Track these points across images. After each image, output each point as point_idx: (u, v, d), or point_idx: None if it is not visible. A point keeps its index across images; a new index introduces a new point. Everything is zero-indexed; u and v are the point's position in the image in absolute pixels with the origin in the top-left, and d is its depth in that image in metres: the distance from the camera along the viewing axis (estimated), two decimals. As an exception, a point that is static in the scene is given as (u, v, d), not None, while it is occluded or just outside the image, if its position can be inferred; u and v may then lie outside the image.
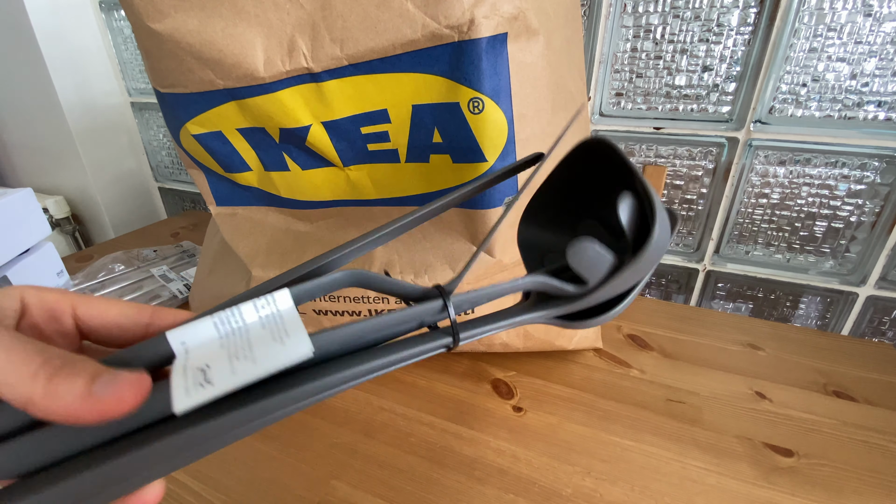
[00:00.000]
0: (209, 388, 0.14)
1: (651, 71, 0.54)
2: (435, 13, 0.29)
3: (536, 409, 0.41)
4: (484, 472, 0.35)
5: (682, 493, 0.33)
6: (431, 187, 0.37)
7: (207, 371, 0.14)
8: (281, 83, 0.33)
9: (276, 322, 0.16)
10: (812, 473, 0.35)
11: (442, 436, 0.38)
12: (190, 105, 0.35)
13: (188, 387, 0.14)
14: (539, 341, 0.44)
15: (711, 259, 0.60)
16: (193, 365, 0.14)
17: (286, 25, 0.31)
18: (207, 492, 0.34)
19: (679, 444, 0.37)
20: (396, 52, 0.31)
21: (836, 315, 0.57)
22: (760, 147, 0.53)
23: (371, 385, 0.44)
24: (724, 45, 0.51)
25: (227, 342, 0.15)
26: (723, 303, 0.62)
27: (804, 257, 0.56)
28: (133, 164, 0.95)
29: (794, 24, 0.47)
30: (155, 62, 0.35)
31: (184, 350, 0.15)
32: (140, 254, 0.67)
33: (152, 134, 0.92)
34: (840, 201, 0.52)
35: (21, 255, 0.53)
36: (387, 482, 0.34)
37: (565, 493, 0.33)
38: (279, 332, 0.15)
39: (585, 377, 0.44)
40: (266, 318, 0.16)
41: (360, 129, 0.34)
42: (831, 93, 0.48)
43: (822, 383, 0.44)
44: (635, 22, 0.53)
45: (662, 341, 0.49)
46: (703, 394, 0.42)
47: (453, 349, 0.18)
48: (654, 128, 0.56)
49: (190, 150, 0.39)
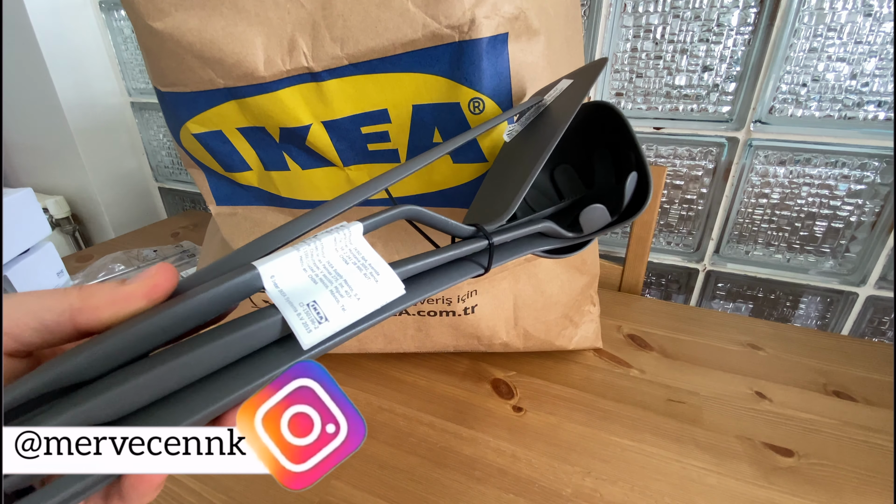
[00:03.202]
0: (326, 324, 0.15)
1: (651, 71, 0.54)
2: (435, 13, 0.29)
3: (536, 409, 0.41)
4: (484, 472, 0.35)
5: (682, 493, 0.33)
6: (431, 187, 0.37)
7: (318, 308, 0.15)
8: (281, 82, 0.33)
9: (357, 259, 0.17)
10: (812, 473, 0.35)
11: (442, 436, 0.38)
12: (190, 104, 0.35)
13: (307, 323, 0.15)
14: (539, 341, 0.44)
15: (711, 259, 0.60)
16: (300, 301, 0.15)
17: (287, 25, 0.31)
18: (207, 492, 0.34)
19: (679, 444, 0.37)
20: (397, 51, 0.31)
21: (836, 315, 0.57)
22: (760, 147, 0.53)
23: (371, 385, 0.44)
24: (724, 45, 0.51)
25: (320, 278, 0.16)
26: (723, 303, 0.62)
27: (804, 257, 0.56)
28: (133, 164, 0.95)
29: (794, 24, 0.47)
30: (155, 61, 0.35)
31: (274, 284, 0.15)
32: (140, 254, 0.67)
33: (152, 134, 0.92)
34: (840, 201, 0.52)
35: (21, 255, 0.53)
36: (387, 482, 0.34)
37: (565, 493, 0.33)
38: (368, 271, 0.17)
39: (585, 377, 0.44)
40: (346, 253, 0.17)
41: (360, 129, 0.34)
42: (831, 93, 0.48)
43: (822, 383, 0.44)
44: (635, 22, 0.53)
45: (662, 341, 0.49)
46: (703, 394, 0.42)
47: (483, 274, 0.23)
48: (654, 128, 0.56)
49: (190, 149, 0.39)
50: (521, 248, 0.25)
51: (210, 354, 0.15)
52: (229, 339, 0.15)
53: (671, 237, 0.61)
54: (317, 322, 0.15)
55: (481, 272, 0.22)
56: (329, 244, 0.17)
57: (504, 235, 0.23)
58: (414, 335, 0.44)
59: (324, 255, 0.17)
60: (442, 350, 0.46)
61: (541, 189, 0.32)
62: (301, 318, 0.15)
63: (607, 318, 0.52)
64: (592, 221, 0.25)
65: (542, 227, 0.25)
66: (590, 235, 0.26)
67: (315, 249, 0.16)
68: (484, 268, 0.22)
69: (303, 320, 0.15)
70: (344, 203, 0.20)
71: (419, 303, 0.40)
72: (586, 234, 0.26)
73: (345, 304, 0.16)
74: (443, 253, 0.20)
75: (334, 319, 0.15)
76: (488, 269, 0.22)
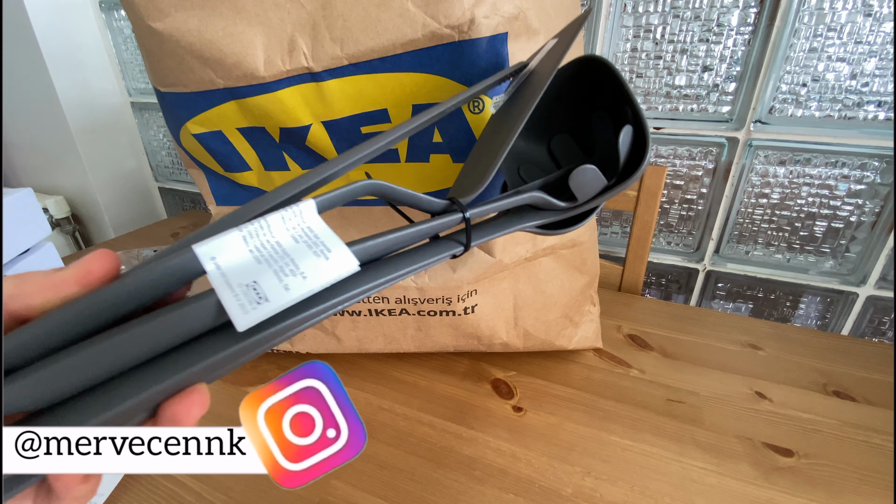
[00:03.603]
0: (266, 304, 0.14)
1: (651, 71, 0.54)
2: (435, 13, 0.29)
3: (536, 409, 0.41)
4: (484, 472, 0.35)
5: (682, 493, 0.33)
6: (431, 187, 0.37)
7: (258, 287, 0.14)
8: (281, 82, 0.33)
9: (309, 236, 0.16)
10: (812, 473, 0.35)
11: (442, 436, 0.38)
12: (190, 104, 0.35)
13: (244, 304, 0.14)
14: (539, 341, 0.44)
15: (711, 259, 0.60)
16: (239, 282, 0.14)
17: (286, 25, 0.31)
18: (208, 492, 0.34)
19: (679, 444, 0.37)
20: (397, 51, 0.31)
21: (836, 315, 0.57)
22: (760, 147, 0.53)
23: (371, 385, 0.44)
24: (724, 45, 0.51)
25: (265, 257, 0.15)
26: (723, 303, 0.62)
27: (804, 257, 0.56)
28: (133, 164, 0.95)
29: (794, 24, 0.47)
30: (155, 61, 0.35)
31: (216, 266, 0.14)
32: (140, 254, 0.67)
33: (152, 134, 0.92)
34: (840, 201, 0.52)
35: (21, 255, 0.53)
36: (387, 482, 0.34)
37: (565, 493, 0.33)
38: (319, 248, 0.15)
39: (585, 377, 0.44)
40: (297, 232, 0.16)
41: (360, 129, 0.34)
42: (831, 93, 0.48)
43: (822, 383, 0.44)
44: (635, 22, 0.53)
45: (662, 341, 0.49)
46: (703, 394, 0.42)
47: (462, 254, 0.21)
48: (654, 128, 0.56)
49: (190, 149, 0.39)
50: (510, 222, 0.22)
51: (139, 338, 0.14)
52: (160, 321, 0.14)
53: (671, 237, 0.61)
54: (255, 302, 0.14)
55: (460, 249, 0.20)
56: (277, 223, 0.16)
57: (483, 207, 0.21)
58: (414, 335, 0.44)
59: (272, 234, 0.15)
60: (442, 350, 0.46)
61: (538, 164, 0.29)
62: (238, 299, 0.14)
63: (607, 318, 0.52)
64: (584, 185, 0.22)
65: (529, 197, 0.22)
66: (586, 204, 0.23)
67: (261, 228, 0.15)
68: (463, 245, 0.20)
69: (240, 301, 0.14)
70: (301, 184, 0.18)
71: (420, 302, 0.41)
72: (581, 202, 0.23)
73: (288, 283, 0.14)
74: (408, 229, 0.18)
75: (275, 299, 0.14)
76: (468, 246, 0.20)
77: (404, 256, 0.19)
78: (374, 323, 0.43)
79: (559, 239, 0.41)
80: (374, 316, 0.42)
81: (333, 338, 0.44)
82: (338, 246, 0.16)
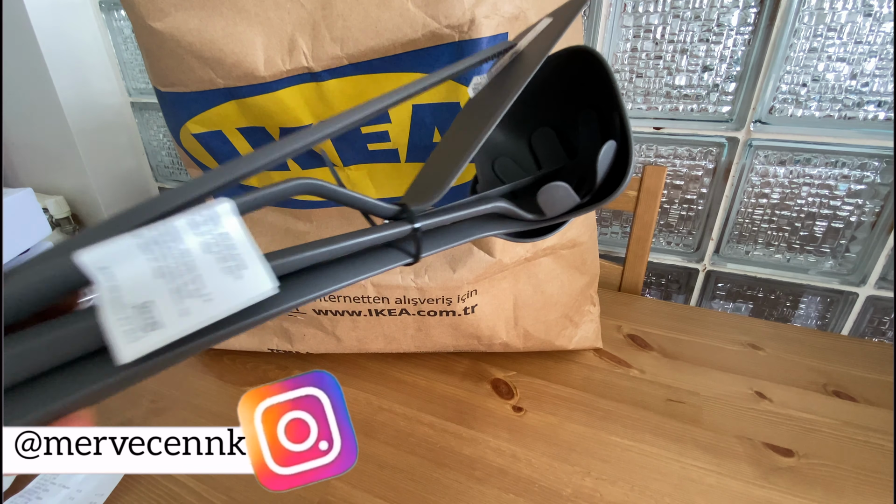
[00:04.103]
0: (159, 331, 0.12)
1: (651, 71, 0.54)
2: (435, 13, 0.29)
3: (536, 409, 0.41)
4: (484, 472, 0.35)
5: (682, 493, 0.33)
6: (431, 187, 0.37)
7: (152, 309, 0.12)
8: (281, 82, 0.33)
9: (223, 246, 0.13)
10: (812, 473, 0.35)
11: (442, 436, 0.38)
12: (190, 104, 0.35)
13: (131, 330, 0.11)
14: (539, 341, 0.44)
15: (711, 259, 0.60)
16: (130, 301, 0.12)
17: (287, 24, 0.31)
18: (208, 492, 0.34)
19: (679, 444, 0.37)
20: (397, 51, 0.31)
21: (836, 315, 0.57)
22: (760, 147, 0.53)
23: (371, 385, 0.44)
24: (724, 45, 0.51)
25: (166, 271, 0.12)
26: (723, 303, 0.62)
27: (804, 257, 0.56)
28: (133, 164, 0.95)
29: (794, 23, 0.47)
30: (155, 61, 0.35)
31: (104, 278, 0.12)
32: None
33: (152, 134, 0.92)
34: (840, 201, 0.52)
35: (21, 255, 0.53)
36: (387, 482, 0.34)
37: (565, 493, 0.33)
38: (232, 263, 0.13)
39: (585, 377, 0.44)
40: (209, 240, 0.13)
41: (360, 129, 0.34)
42: (831, 93, 0.48)
43: (822, 383, 0.44)
44: (635, 22, 0.53)
45: (662, 341, 0.49)
46: (703, 394, 0.42)
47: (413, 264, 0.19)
48: (654, 128, 0.56)
49: (190, 149, 0.39)
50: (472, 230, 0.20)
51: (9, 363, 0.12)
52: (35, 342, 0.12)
53: (671, 237, 0.61)
54: (146, 329, 0.11)
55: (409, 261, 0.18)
56: (184, 227, 0.12)
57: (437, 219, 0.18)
58: (414, 335, 0.44)
59: (180, 240, 0.12)
60: (442, 350, 0.46)
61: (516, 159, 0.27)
62: (125, 324, 0.11)
63: (607, 318, 0.52)
64: (554, 202, 0.20)
65: (492, 207, 0.20)
66: (555, 219, 0.21)
67: (165, 234, 0.12)
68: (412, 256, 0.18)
69: (127, 326, 0.11)
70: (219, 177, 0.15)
71: (420, 302, 0.41)
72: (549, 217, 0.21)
73: (189, 307, 0.12)
74: (346, 240, 0.16)
75: (170, 325, 0.12)
76: (417, 257, 0.18)
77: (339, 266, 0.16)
78: (374, 323, 0.43)
79: (559, 239, 0.41)
80: (374, 316, 0.42)
81: (333, 338, 0.44)
82: (254, 262, 0.13)
